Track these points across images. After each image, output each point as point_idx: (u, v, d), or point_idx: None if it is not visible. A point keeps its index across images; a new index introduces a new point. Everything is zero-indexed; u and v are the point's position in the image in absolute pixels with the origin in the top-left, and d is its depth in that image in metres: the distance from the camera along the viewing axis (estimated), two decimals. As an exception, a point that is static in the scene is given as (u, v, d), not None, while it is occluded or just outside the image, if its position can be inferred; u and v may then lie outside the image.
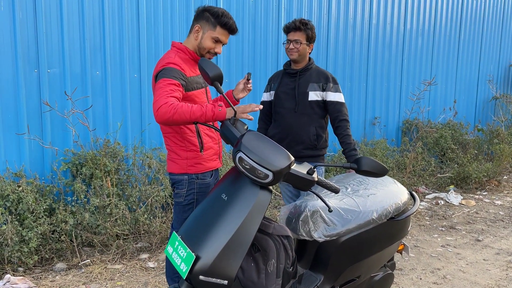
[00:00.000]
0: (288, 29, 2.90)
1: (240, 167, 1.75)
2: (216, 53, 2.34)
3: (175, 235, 1.77)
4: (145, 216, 3.33)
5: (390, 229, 2.26)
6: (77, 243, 3.26)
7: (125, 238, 3.35)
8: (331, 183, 1.84)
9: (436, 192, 5.45)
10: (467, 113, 7.99)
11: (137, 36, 4.10)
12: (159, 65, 2.23)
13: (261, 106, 2.11)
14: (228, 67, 4.79)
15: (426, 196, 5.28)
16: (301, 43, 2.85)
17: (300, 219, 2.07)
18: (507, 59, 8.86)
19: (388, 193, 2.29)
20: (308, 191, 1.83)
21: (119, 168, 3.75)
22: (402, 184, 5.22)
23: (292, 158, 1.76)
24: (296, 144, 2.89)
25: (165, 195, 3.60)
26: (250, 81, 2.45)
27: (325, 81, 2.89)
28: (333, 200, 2.16)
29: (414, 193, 2.52)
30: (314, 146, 2.90)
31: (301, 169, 1.78)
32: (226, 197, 1.75)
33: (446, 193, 5.33)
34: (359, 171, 1.78)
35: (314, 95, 2.88)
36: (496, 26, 8.40)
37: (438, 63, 7.28)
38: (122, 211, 3.23)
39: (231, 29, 2.30)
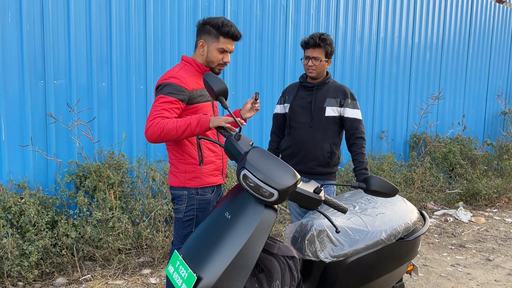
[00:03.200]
0: (307, 45, 2.79)
1: (244, 184, 1.69)
2: (225, 63, 2.35)
3: (176, 254, 1.71)
4: (148, 230, 3.27)
5: (399, 250, 2.19)
6: (78, 257, 3.20)
7: (127, 253, 3.29)
8: (338, 203, 1.78)
9: (445, 209, 5.34)
10: (476, 128, 7.90)
11: (144, 48, 4.09)
12: (161, 79, 2.24)
13: (245, 123, 2.07)
14: (234, 79, 4.76)
15: (435, 213, 5.17)
16: (320, 60, 2.77)
17: (306, 238, 2.00)
18: (516, 74, 8.78)
19: (397, 212, 2.22)
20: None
21: (123, 181, 3.71)
22: (411, 200, 5.13)
23: (298, 176, 1.70)
24: (308, 160, 2.81)
25: (169, 209, 3.54)
26: (258, 100, 2.43)
27: (343, 97, 2.81)
28: (340, 219, 2.09)
29: (424, 212, 2.45)
30: (327, 164, 2.81)
31: (307, 187, 1.72)
32: (229, 216, 1.69)
33: (455, 210, 5.22)
34: (368, 191, 1.71)
35: (331, 111, 2.80)
36: (505, 40, 8.34)
37: (446, 77, 7.22)
38: (125, 225, 3.18)
39: (234, 36, 2.30)
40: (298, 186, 1.70)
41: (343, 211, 1.77)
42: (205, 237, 1.70)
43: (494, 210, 5.40)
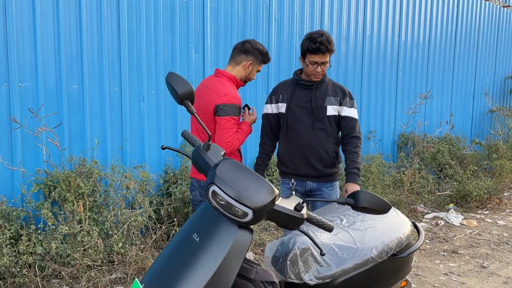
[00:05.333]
0: (316, 51, 2.58)
1: (214, 202, 1.47)
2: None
3: (137, 283, 1.48)
4: (120, 244, 3.02)
5: (391, 267, 1.99)
6: (43, 275, 2.94)
7: (98, 269, 3.04)
8: (323, 220, 1.56)
9: (435, 211, 5.18)
10: (464, 127, 7.79)
11: (117, 48, 3.84)
12: (221, 98, 2.59)
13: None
14: (215, 80, 4.53)
15: (425, 216, 5.01)
16: (328, 63, 2.66)
17: (288, 258, 1.79)
18: (502, 72, 8.72)
19: (389, 226, 2.02)
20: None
21: (95, 190, 3.46)
22: (400, 203, 4.96)
23: (277, 192, 1.48)
24: (316, 162, 2.71)
25: (144, 219, 3.30)
26: (253, 108, 2.76)
27: (343, 95, 2.73)
28: (326, 235, 1.88)
29: (417, 224, 2.25)
30: (332, 164, 2.74)
31: (287, 204, 1.50)
32: (198, 238, 1.46)
33: (446, 213, 5.07)
34: (357, 207, 1.50)
35: (332, 110, 2.69)
36: (492, 38, 8.25)
37: (433, 75, 7.09)
38: (95, 239, 2.93)
39: (268, 63, 2.87)
40: (276, 203, 1.48)
41: (329, 229, 1.56)
42: (170, 263, 1.47)
43: (485, 212, 5.26)
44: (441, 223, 4.77)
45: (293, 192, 2.71)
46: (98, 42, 3.73)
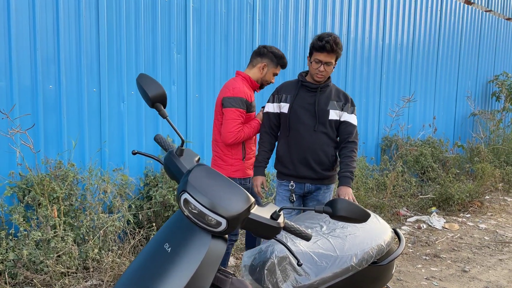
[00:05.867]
0: (321, 49, 2.61)
1: (186, 211, 1.40)
2: (270, 83, 3.09)
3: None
4: (96, 250, 2.92)
5: (372, 275, 1.95)
6: (14, 283, 2.83)
7: (73, 276, 2.94)
8: (301, 229, 1.51)
9: (418, 215, 5.19)
10: (446, 130, 7.85)
11: (96, 47, 3.73)
12: (229, 91, 2.86)
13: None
14: (199, 82, 4.46)
15: (408, 219, 5.01)
16: (332, 66, 2.66)
17: (266, 267, 1.73)
18: (484, 75, 8.82)
19: (369, 233, 1.98)
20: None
21: (71, 194, 3.36)
22: (383, 207, 4.95)
23: (252, 200, 1.42)
24: (316, 165, 2.73)
25: (122, 224, 3.21)
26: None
27: (345, 101, 2.76)
28: (306, 242, 1.83)
29: (398, 231, 2.21)
30: (331, 168, 2.78)
31: (263, 212, 1.45)
32: (169, 248, 1.39)
33: (428, 216, 5.07)
34: (334, 216, 1.45)
35: (334, 114, 2.73)
36: (474, 42, 8.34)
37: (417, 78, 7.13)
38: (70, 245, 2.83)
39: (285, 66, 3.07)
40: (252, 211, 1.42)
41: (307, 238, 1.51)
42: (140, 275, 1.40)
43: (467, 215, 5.29)
44: (423, 226, 4.77)
45: (293, 194, 2.71)
46: (76, 41, 3.62)
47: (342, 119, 2.73)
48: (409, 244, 4.24)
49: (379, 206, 4.93)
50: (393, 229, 2.18)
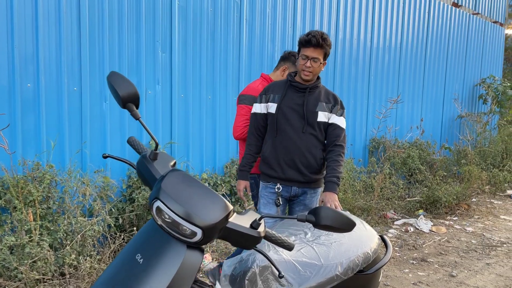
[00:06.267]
0: (307, 44, 2.54)
1: (159, 220, 1.31)
2: None
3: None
4: (73, 256, 2.81)
5: (358, 284, 1.88)
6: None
7: (49, 283, 2.83)
8: (282, 238, 1.43)
9: (405, 218, 5.15)
10: (434, 132, 7.86)
11: (78, 44, 3.61)
12: (244, 89, 3.02)
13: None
14: (184, 81, 4.37)
15: (395, 222, 4.97)
16: (320, 62, 2.57)
17: (247, 277, 1.65)
18: (471, 78, 8.86)
19: (355, 240, 1.90)
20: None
21: (49, 196, 3.23)
22: (370, 209, 4.90)
23: (230, 208, 1.33)
24: (303, 168, 2.65)
25: (102, 228, 3.10)
26: None
27: (334, 103, 2.69)
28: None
29: (385, 237, 2.15)
30: (319, 170, 2.70)
31: (243, 221, 1.36)
32: (141, 259, 1.30)
33: (415, 219, 5.04)
34: (318, 225, 1.37)
35: (323, 116, 2.65)
36: (461, 45, 8.37)
37: (405, 80, 7.12)
38: (45, 250, 2.71)
39: None
40: (230, 220, 1.34)
41: (289, 248, 1.43)
42: (111, 286, 1.31)
43: (454, 218, 5.26)
44: (410, 229, 4.73)
45: (279, 198, 2.62)
46: (56, 38, 3.50)
47: (330, 121, 2.66)
48: (396, 248, 4.20)
49: (366, 209, 4.88)
50: (380, 235, 2.11)
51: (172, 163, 1.48)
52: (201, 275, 3.30)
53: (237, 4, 4.74)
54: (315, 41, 2.51)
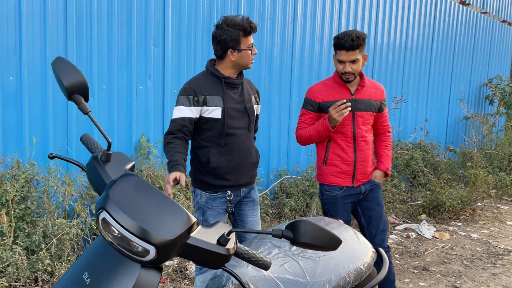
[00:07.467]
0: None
1: (106, 234, 1.12)
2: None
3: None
4: (47, 261, 2.63)
5: (349, 304, 1.68)
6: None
7: (23, 289, 2.65)
8: (256, 256, 1.22)
9: (407, 223, 4.94)
10: (439, 133, 7.63)
11: (64, 36, 3.43)
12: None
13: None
14: (177, 77, 4.18)
15: (396, 227, 4.76)
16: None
17: (221, 297, 1.46)
18: (478, 78, 8.62)
19: (346, 254, 1.70)
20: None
21: (28, 195, 3.06)
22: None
23: (193, 221, 1.14)
24: (252, 168, 2.54)
25: (81, 232, 2.91)
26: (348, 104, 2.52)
27: (257, 93, 2.63)
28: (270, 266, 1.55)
29: (381, 251, 1.95)
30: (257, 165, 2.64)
31: (208, 236, 1.16)
32: (88, 279, 1.11)
33: (417, 224, 4.83)
34: (296, 243, 1.17)
35: (258, 109, 2.60)
36: (468, 44, 8.14)
37: (409, 80, 6.90)
38: (18, 255, 2.53)
39: (342, 46, 2.68)
40: (192, 235, 1.14)
41: (265, 267, 1.23)
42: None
43: (458, 224, 5.05)
44: (412, 235, 4.52)
45: (230, 205, 2.38)
46: (41, 29, 3.32)
47: (257, 112, 2.61)
48: (396, 255, 3.99)
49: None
50: (375, 248, 1.91)
51: (129, 167, 1.29)
52: (187, 283, 3.12)
53: (235, -3, 4.55)
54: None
